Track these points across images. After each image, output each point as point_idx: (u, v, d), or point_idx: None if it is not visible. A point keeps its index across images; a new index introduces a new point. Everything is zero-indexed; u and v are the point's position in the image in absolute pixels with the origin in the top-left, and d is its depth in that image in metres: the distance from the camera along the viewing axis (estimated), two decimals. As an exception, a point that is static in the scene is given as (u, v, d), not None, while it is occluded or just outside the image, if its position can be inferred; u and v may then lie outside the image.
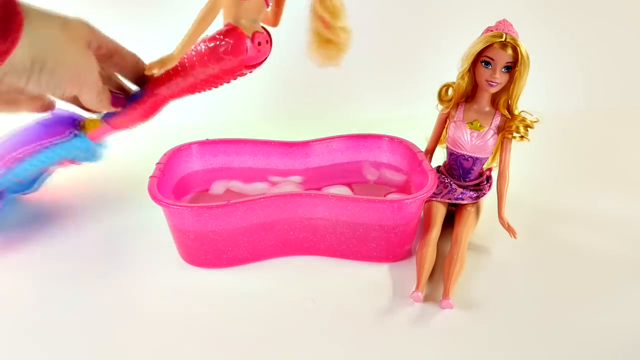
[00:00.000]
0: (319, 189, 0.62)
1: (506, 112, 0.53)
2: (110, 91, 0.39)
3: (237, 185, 0.63)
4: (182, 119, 0.82)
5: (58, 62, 0.31)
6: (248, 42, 0.43)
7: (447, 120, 0.57)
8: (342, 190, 0.62)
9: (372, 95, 1.01)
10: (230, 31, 0.42)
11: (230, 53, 0.42)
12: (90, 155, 0.61)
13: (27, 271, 0.51)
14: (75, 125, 0.56)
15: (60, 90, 0.33)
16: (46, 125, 0.56)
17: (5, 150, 0.56)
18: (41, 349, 0.41)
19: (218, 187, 0.63)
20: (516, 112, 0.53)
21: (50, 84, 0.32)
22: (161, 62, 0.42)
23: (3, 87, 0.33)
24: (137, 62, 0.43)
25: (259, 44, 0.44)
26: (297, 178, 0.63)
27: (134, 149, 0.82)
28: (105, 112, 0.41)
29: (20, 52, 0.29)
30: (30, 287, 0.49)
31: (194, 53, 0.44)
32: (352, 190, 0.62)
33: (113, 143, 0.85)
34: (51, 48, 0.30)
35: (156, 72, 0.43)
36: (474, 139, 0.54)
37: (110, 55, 0.39)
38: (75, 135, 0.56)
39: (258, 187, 0.62)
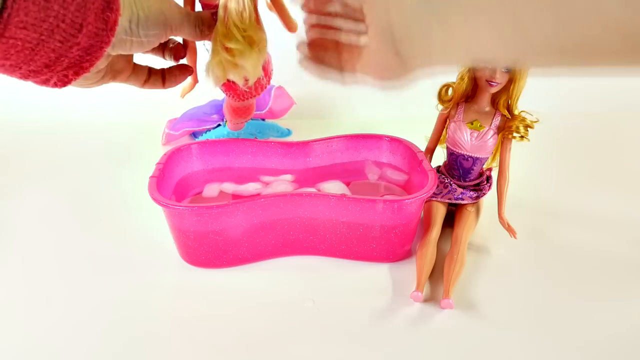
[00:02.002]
0: (312, 186, 0.62)
1: (506, 112, 0.53)
2: (199, 16, 0.38)
3: (230, 187, 0.63)
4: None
5: (147, 10, 0.31)
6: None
7: (447, 120, 0.57)
8: (337, 185, 0.62)
9: (372, 95, 1.00)
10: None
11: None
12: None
13: (27, 271, 0.51)
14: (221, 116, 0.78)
15: (159, 38, 0.33)
16: (206, 113, 0.80)
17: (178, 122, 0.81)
18: (41, 349, 0.41)
19: (211, 190, 0.62)
20: (516, 112, 0.53)
21: (149, 36, 0.32)
22: None
23: (113, 59, 0.33)
24: None
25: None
26: (289, 176, 0.63)
27: (134, 148, 0.82)
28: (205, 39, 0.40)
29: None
30: (30, 286, 0.49)
31: None
32: (348, 186, 0.63)
33: (113, 143, 0.85)
34: (135, 1, 0.31)
35: None
36: (474, 139, 0.54)
37: None
38: (219, 125, 0.79)
39: (251, 188, 0.62)
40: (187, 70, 0.42)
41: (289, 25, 0.47)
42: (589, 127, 0.96)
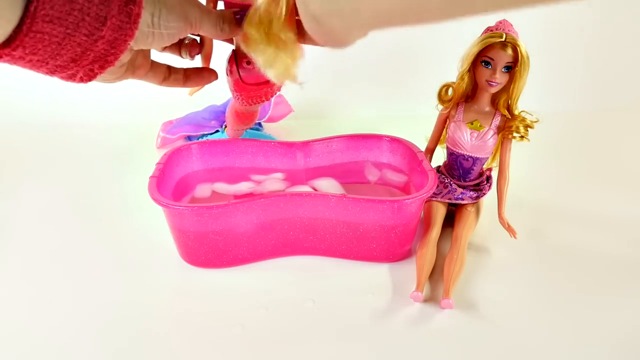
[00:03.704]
0: (304, 183, 0.62)
1: (506, 112, 0.53)
2: (221, 14, 0.37)
3: (222, 186, 0.62)
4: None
5: (169, 5, 0.31)
6: (228, 65, 0.45)
7: (447, 120, 0.57)
8: (329, 183, 0.62)
9: (372, 95, 1.01)
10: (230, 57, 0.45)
11: (227, 73, 0.46)
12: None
13: (27, 271, 0.51)
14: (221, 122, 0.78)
15: (180, 33, 0.33)
16: (204, 118, 0.80)
17: (176, 126, 0.81)
18: (41, 349, 0.41)
19: (203, 190, 0.62)
20: (516, 112, 0.53)
21: (170, 30, 0.32)
22: None
23: (133, 54, 0.33)
24: None
25: (248, 62, 0.43)
26: (279, 174, 0.63)
27: (134, 149, 0.82)
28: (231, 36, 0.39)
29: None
30: (30, 286, 0.49)
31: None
32: (341, 183, 0.63)
33: (112, 143, 0.85)
34: None
35: None
36: (474, 139, 0.54)
37: None
38: (217, 131, 0.78)
39: (243, 187, 0.62)
40: (214, 75, 0.42)
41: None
42: (589, 127, 0.96)
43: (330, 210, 0.50)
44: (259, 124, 0.85)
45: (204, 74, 0.42)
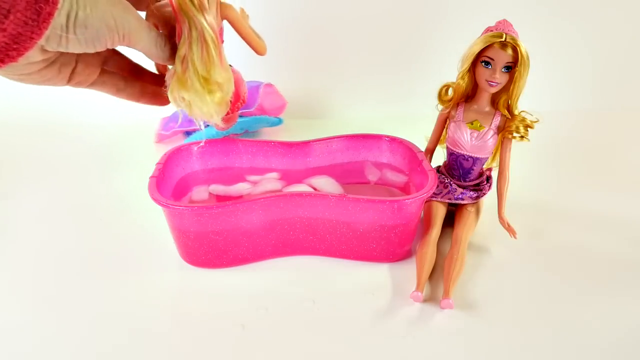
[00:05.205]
0: (301, 182, 0.62)
1: (506, 112, 0.53)
2: (163, 35, 0.36)
3: (218, 188, 0.62)
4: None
5: (89, 10, 0.29)
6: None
7: (447, 120, 0.57)
8: (326, 181, 0.62)
9: (372, 95, 1.01)
10: None
11: None
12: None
13: (26, 271, 0.51)
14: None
15: (102, 42, 0.31)
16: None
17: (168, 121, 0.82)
18: (40, 348, 0.41)
19: (200, 193, 0.62)
20: (516, 112, 0.53)
21: (87, 36, 0.30)
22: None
23: (50, 55, 0.32)
24: None
25: None
26: (274, 174, 0.63)
27: (134, 148, 0.83)
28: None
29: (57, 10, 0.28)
30: (29, 287, 0.49)
31: None
32: (341, 183, 0.63)
33: (112, 142, 0.85)
34: None
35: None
36: (474, 139, 0.54)
37: None
38: (207, 125, 0.69)
39: (240, 188, 0.62)
40: (167, 102, 0.39)
41: (257, 50, 0.43)
42: (590, 127, 0.96)
43: (330, 210, 0.50)
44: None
45: (159, 99, 0.40)
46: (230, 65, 0.41)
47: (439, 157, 0.61)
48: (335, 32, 0.95)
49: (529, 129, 0.52)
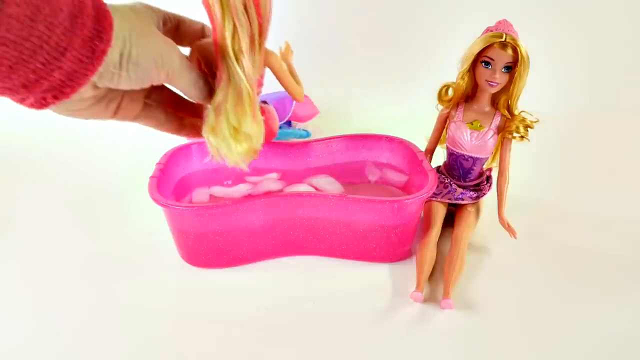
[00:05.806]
0: (301, 182, 0.62)
1: (506, 112, 0.53)
2: (203, 75, 0.36)
3: (219, 190, 0.62)
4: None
5: (141, 49, 0.30)
6: None
7: (447, 120, 0.57)
8: (327, 180, 0.62)
9: (373, 95, 1.01)
10: None
11: None
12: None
13: (27, 271, 0.51)
14: None
15: (149, 79, 0.32)
16: None
17: None
18: (40, 348, 0.41)
19: (200, 195, 0.62)
20: (516, 112, 0.53)
21: (138, 73, 0.31)
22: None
23: (100, 91, 0.32)
24: (203, 27, 0.40)
25: None
26: (274, 175, 0.63)
27: (134, 148, 0.82)
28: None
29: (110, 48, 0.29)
30: (30, 287, 0.49)
31: None
32: (341, 183, 0.63)
33: (112, 142, 0.85)
34: (131, 36, 0.30)
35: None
36: (474, 139, 0.54)
37: (176, 27, 0.37)
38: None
39: (240, 189, 0.62)
40: (201, 135, 0.39)
41: (294, 96, 0.45)
42: (589, 128, 0.95)
43: (330, 210, 0.50)
44: (289, 123, 0.84)
45: (198, 132, 0.40)
46: (265, 102, 0.43)
47: (439, 157, 0.61)
48: (334, 33, 0.95)
49: (528, 129, 0.52)
